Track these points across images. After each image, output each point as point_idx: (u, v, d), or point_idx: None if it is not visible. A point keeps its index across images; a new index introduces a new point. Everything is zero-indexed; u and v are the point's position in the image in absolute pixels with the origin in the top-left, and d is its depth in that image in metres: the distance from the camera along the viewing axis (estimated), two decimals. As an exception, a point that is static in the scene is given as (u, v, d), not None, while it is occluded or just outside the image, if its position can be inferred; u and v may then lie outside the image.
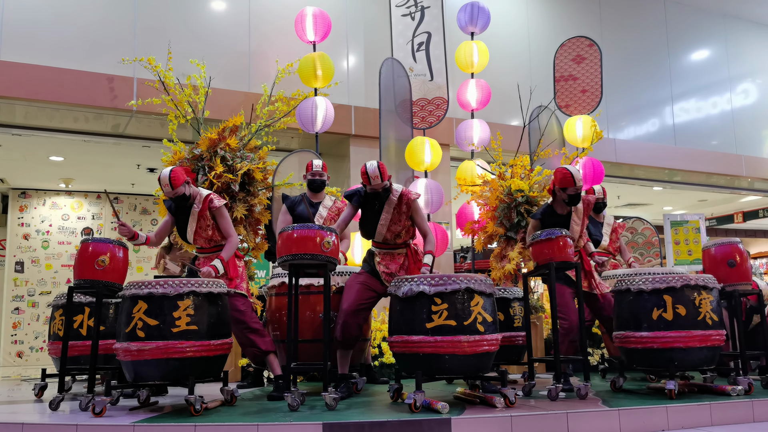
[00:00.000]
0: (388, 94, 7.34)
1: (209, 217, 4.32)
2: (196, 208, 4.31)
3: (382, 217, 4.34)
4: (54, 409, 3.89)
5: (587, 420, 3.56)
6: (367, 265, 4.48)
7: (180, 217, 4.39)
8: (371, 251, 4.51)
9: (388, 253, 4.44)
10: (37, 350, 10.52)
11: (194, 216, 4.31)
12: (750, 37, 11.83)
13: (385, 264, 4.40)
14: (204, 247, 4.40)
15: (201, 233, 4.34)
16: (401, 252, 4.47)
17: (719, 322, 4.20)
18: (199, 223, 4.32)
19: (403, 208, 4.37)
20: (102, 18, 6.94)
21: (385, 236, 4.40)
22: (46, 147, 8.58)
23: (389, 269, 4.39)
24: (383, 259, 4.42)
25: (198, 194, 4.33)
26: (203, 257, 4.41)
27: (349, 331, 4.22)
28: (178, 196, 4.25)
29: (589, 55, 8.25)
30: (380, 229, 4.36)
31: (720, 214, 16.32)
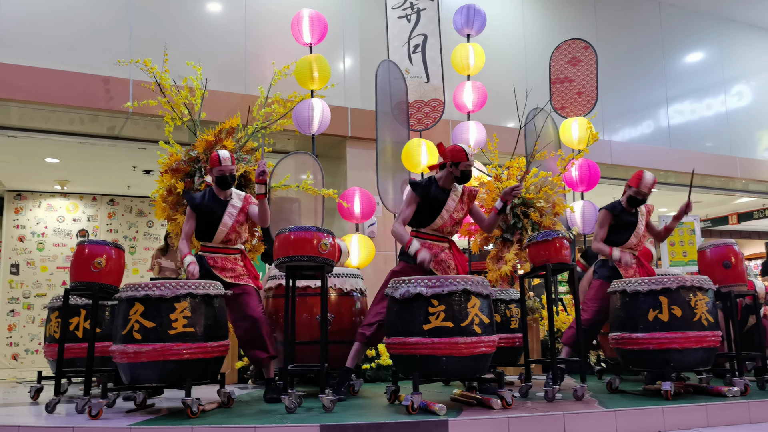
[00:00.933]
0: (385, 96, 7.35)
1: (246, 214, 4.44)
2: (237, 203, 4.41)
3: (448, 203, 4.33)
4: (50, 411, 3.88)
5: (584, 421, 3.56)
6: (410, 258, 4.29)
7: (207, 212, 4.39)
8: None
9: (435, 244, 4.37)
10: (32, 352, 10.48)
11: (233, 210, 4.38)
12: (744, 39, 11.88)
13: (434, 253, 4.31)
14: (230, 243, 4.41)
15: (237, 228, 4.40)
16: (446, 245, 4.44)
17: (715, 323, 4.22)
18: (238, 218, 4.39)
19: (465, 199, 4.42)
20: (98, 19, 6.92)
21: (442, 225, 4.35)
22: (41, 149, 8.56)
23: (439, 257, 4.31)
24: (430, 249, 4.31)
25: (231, 191, 4.46)
26: (220, 256, 4.40)
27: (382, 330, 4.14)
28: (227, 180, 4.35)
29: (584, 57, 8.28)
30: (443, 214, 4.31)
31: (715, 215, 16.38)
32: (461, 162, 4.34)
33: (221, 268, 4.35)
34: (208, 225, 4.39)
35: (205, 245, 4.44)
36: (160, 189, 5.77)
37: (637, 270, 4.96)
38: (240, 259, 4.49)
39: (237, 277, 4.35)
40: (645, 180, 4.92)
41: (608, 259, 4.95)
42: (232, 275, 4.35)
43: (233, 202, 4.42)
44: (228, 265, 4.39)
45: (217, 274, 4.31)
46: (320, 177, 6.53)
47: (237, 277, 4.35)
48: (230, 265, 4.39)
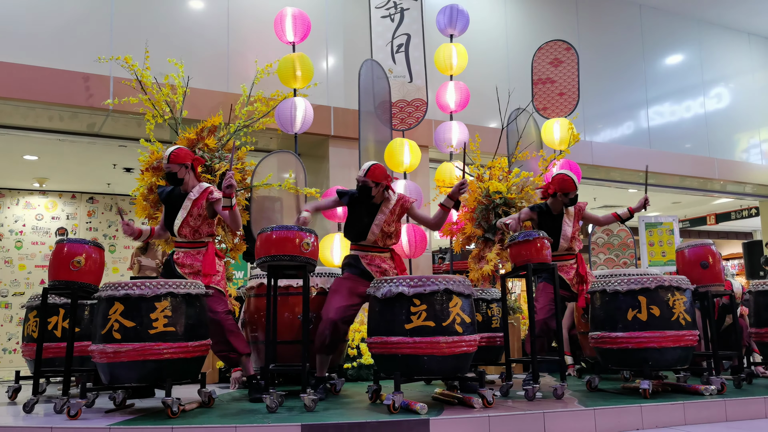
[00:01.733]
0: (368, 96, 7.35)
1: (204, 208, 4.33)
2: (192, 196, 4.33)
3: (377, 217, 4.35)
4: (28, 411, 3.84)
5: (563, 420, 3.60)
6: (353, 268, 4.38)
7: (171, 205, 4.37)
8: (355, 255, 4.43)
9: (376, 255, 4.41)
10: (10, 352, 10.36)
11: (188, 203, 4.31)
12: (723, 42, 12.04)
13: (377, 264, 4.36)
14: (187, 238, 4.34)
15: (189, 222, 4.31)
16: (387, 255, 4.47)
17: (692, 322, 4.28)
18: (190, 212, 4.31)
19: (397, 210, 4.42)
20: (78, 15, 6.85)
21: (375, 239, 4.37)
22: (20, 146, 8.46)
23: (381, 268, 4.35)
24: (372, 260, 4.37)
25: (197, 184, 4.38)
26: (183, 252, 4.36)
27: (336, 338, 4.16)
28: (172, 177, 4.29)
29: (566, 58, 8.34)
30: (374, 229, 4.34)
31: (693, 216, 16.59)
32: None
33: (180, 264, 4.31)
34: (170, 218, 4.39)
35: (174, 240, 4.44)
36: (140, 187, 5.74)
37: (575, 270, 5.02)
38: (203, 254, 4.38)
39: (195, 274, 4.28)
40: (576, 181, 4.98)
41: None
42: (189, 272, 4.28)
43: (190, 195, 4.34)
44: (187, 261, 4.32)
45: (178, 270, 4.28)
46: (303, 176, 6.52)
47: (195, 274, 4.28)
48: (189, 261, 4.32)
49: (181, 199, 4.35)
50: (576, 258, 5.08)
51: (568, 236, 5.01)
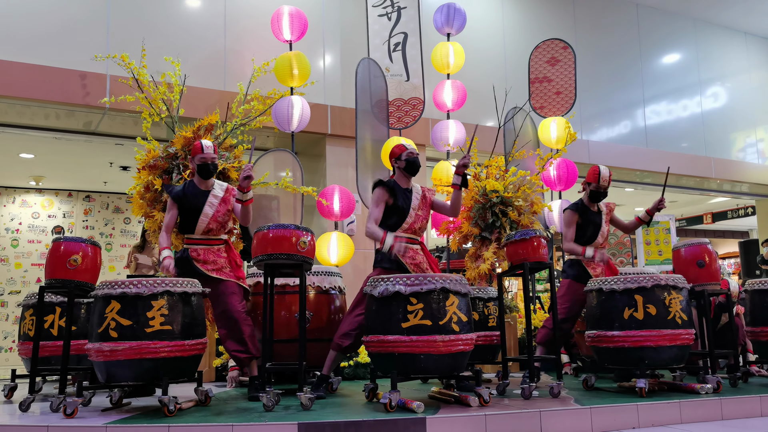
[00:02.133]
0: (365, 94, 7.35)
1: (231, 204, 4.39)
2: (218, 193, 4.38)
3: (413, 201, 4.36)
4: (24, 410, 3.83)
5: (560, 418, 3.60)
6: (388, 263, 4.29)
7: (190, 204, 4.35)
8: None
9: (410, 247, 4.35)
10: (6, 350, 10.34)
11: (214, 200, 4.35)
12: (720, 41, 12.06)
13: (411, 256, 4.32)
14: (211, 233, 4.36)
15: (218, 218, 4.34)
16: (418, 247, 4.44)
17: (688, 321, 4.29)
18: (219, 208, 4.34)
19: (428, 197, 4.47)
20: (74, 13, 6.83)
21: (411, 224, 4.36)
22: (16, 144, 8.44)
23: (416, 260, 4.32)
24: (408, 252, 4.31)
25: (213, 181, 4.44)
26: (202, 249, 4.34)
27: (360, 339, 4.15)
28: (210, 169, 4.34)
29: (563, 57, 8.35)
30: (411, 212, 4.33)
31: (690, 215, 16.63)
32: (402, 153, 4.43)
33: (203, 261, 4.29)
34: (189, 216, 4.36)
35: (189, 237, 4.39)
36: (137, 186, 5.72)
37: (603, 269, 5.04)
38: (223, 251, 4.42)
39: (218, 270, 4.29)
40: (603, 174, 5.00)
41: (581, 258, 5.00)
42: (213, 268, 4.28)
43: (214, 192, 4.38)
44: (210, 257, 4.33)
45: (199, 267, 4.26)
46: (299, 174, 6.51)
47: (218, 270, 4.29)
48: (212, 257, 4.33)
49: (201, 197, 4.36)
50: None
51: (604, 234, 5.09)
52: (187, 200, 4.36)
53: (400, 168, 4.43)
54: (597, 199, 5.07)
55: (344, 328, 4.27)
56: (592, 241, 4.99)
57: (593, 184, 5.01)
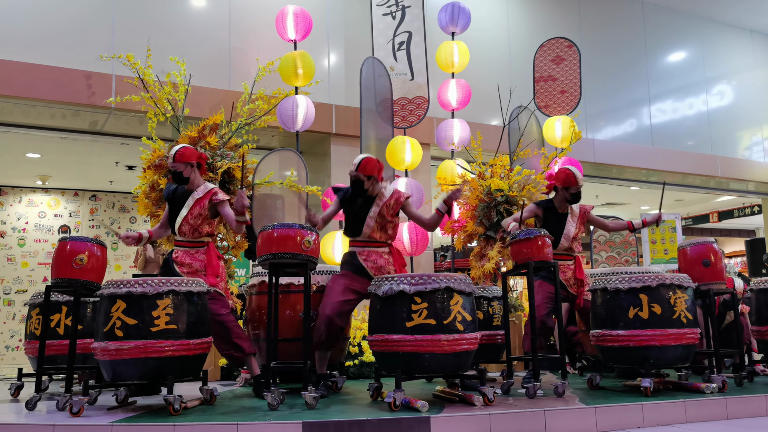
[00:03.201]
0: (369, 93, 7.35)
1: (207, 208, 4.35)
2: (197, 195, 4.36)
3: (372, 210, 4.37)
4: (31, 409, 3.85)
5: (564, 417, 3.60)
6: (350, 265, 4.42)
7: (174, 203, 4.39)
8: (352, 252, 4.47)
9: (373, 251, 4.43)
10: (13, 349, 10.38)
11: (191, 201, 4.33)
12: (725, 39, 12.02)
13: (373, 259, 4.38)
14: (186, 236, 4.35)
15: (189, 220, 4.32)
16: (385, 250, 4.49)
17: (694, 320, 4.28)
18: (191, 210, 4.32)
19: (392, 204, 4.45)
20: (80, 13, 6.86)
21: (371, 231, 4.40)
22: (22, 144, 8.48)
23: (377, 264, 4.37)
24: (369, 256, 4.40)
25: (202, 184, 4.42)
26: (182, 251, 4.36)
27: (332, 333, 4.19)
28: (177, 176, 4.32)
29: (568, 56, 8.33)
30: (368, 221, 4.36)
31: (696, 213, 16.57)
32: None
33: (180, 263, 4.30)
34: (171, 216, 4.41)
35: (175, 239, 4.44)
36: (142, 185, 5.75)
37: (573, 272, 5.03)
38: (202, 253, 4.38)
39: (193, 274, 4.27)
40: (578, 175, 5.01)
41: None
42: (188, 271, 4.28)
43: (195, 194, 4.37)
44: (187, 260, 4.32)
45: (176, 269, 4.28)
46: (304, 174, 6.53)
47: (193, 274, 4.27)
48: (188, 260, 4.32)
49: (184, 198, 4.38)
50: (574, 260, 5.09)
51: (570, 236, 5.02)
52: (173, 200, 4.41)
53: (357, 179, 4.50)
54: (574, 200, 5.05)
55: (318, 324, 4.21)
56: (557, 243, 4.98)
57: (573, 187, 5.00)
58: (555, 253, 4.95)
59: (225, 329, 4.21)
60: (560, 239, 5.00)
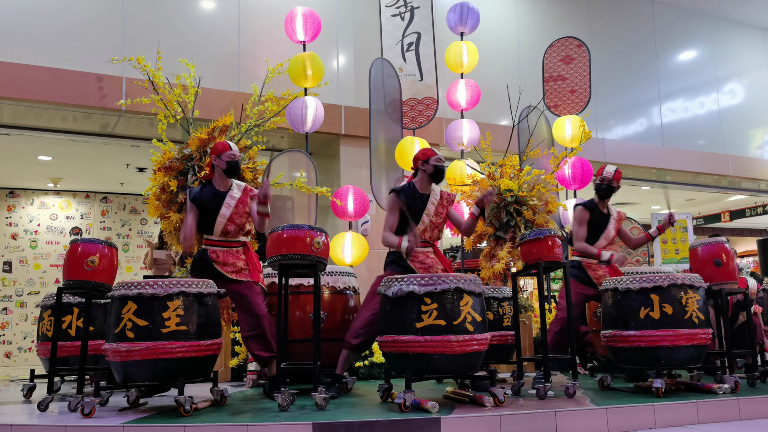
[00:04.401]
0: (378, 94, 7.35)
1: (249, 205, 4.38)
2: (235, 194, 4.36)
3: (428, 208, 4.37)
4: (43, 410, 3.88)
5: (575, 419, 3.58)
6: (397, 266, 4.35)
7: (207, 205, 4.36)
8: (398, 252, 4.38)
9: (420, 251, 4.39)
10: (25, 350, 10.46)
11: (231, 201, 4.34)
12: (736, 37, 11.93)
13: (420, 260, 4.35)
14: (229, 235, 4.35)
15: (235, 220, 4.33)
16: (429, 250, 4.47)
17: (705, 320, 4.25)
18: (236, 209, 4.34)
19: (444, 203, 4.46)
20: (90, 17, 6.91)
21: (423, 230, 4.38)
22: (34, 146, 8.54)
23: (425, 264, 4.34)
24: (417, 256, 4.35)
25: (231, 182, 4.42)
26: (221, 250, 4.35)
27: (371, 338, 4.19)
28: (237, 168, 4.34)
29: (577, 55, 8.30)
30: (424, 218, 4.35)
31: (707, 213, 16.45)
32: (430, 158, 4.41)
33: (222, 263, 4.31)
34: (207, 217, 4.36)
35: (207, 238, 4.41)
36: (153, 187, 5.77)
37: (606, 271, 5.02)
38: (242, 252, 4.43)
39: (238, 272, 4.30)
40: (607, 169, 5.10)
41: (596, 259, 5.00)
42: (232, 270, 4.30)
43: (232, 193, 4.37)
44: (229, 259, 4.34)
45: (219, 269, 4.28)
46: (314, 175, 6.54)
47: (238, 272, 4.30)
48: (231, 259, 4.34)
49: (218, 198, 4.36)
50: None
51: (609, 236, 5.13)
52: (205, 201, 4.37)
53: (426, 172, 4.43)
54: (605, 193, 5.09)
55: (356, 326, 4.30)
56: (595, 241, 5.01)
57: (597, 178, 5.12)
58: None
59: (261, 326, 4.22)
60: (599, 238, 5.07)
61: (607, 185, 5.10)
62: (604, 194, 5.13)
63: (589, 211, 5.12)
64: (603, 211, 5.17)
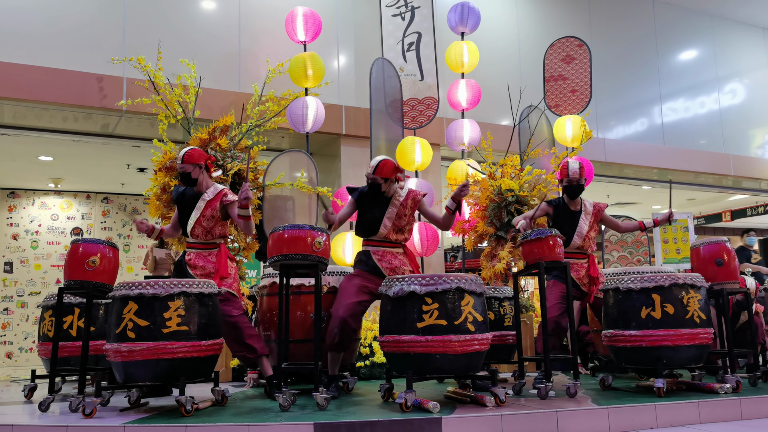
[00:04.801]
0: (379, 94, 7.35)
1: (217, 209, 4.34)
2: (206, 197, 4.34)
3: (388, 210, 4.36)
4: (44, 410, 3.87)
5: (577, 418, 3.58)
6: (364, 265, 4.40)
7: (184, 206, 4.39)
8: (366, 251, 4.45)
9: (388, 251, 4.42)
10: (26, 351, 10.46)
11: (201, 204, 4.32)
12: (737, 37, 11.93)
13: (387, 260, 4.37)
14: (199, 238, 4.35)
15: (202, 222, 4.32)
16: (399, 251, 4.48)
17: (707, 320, 4.24)
18: (203, 212, 4.32)
19: (409, 204, 4.44)
20: (91, 17, 6.91)
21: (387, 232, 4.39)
22: (35, 147, 8.54)
23: (392, 264, 4.36)
24: (384, 256, 4.39)
25: (211, 185, 4.40)
26: (194, 253, 4.37)
27: (345, 335, 4.17)
28: (186, 177, 4.32)
29: (578, 55, 8.30)
30: (385, 222, 4.35)
31: (708, 212, 16.44)
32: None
33: (193, 266, 4.31)
34: (183, 218, 4.41)
35: (187, 241, 4.44)
36: (154, 187, 5.77)
37: (586, 270, 4.98)
38: (213, 255, 4.38)
39: (206, 276, 4.28)
40: (571, 167, 4.96)
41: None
42: (201, 273, 4.29)
43: (204, 196, 4.36)
44: (200, 262, 4.32)
45: (190, 272, 4.29)
46: (314, 175, 6.53)
47: (206, 276, 4.28)
48: (201, 262, 4.32)
49: (194, 200, 4.38)
50: (588, 258, 5.05)
51: (583, 233, 4.97)
52: (181, 202, 4.42)
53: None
54: (572, 193, 5.01)
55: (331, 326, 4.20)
56: (570, 241, 4.93)
57: (564, 180, 4.99)
58: (567, 252, 4.91)
59: (237, 330, 4.21)
60: (572, 237, 4.96)
61: (576, 185, 4.98)
62: (573, 194, 5.01)
63: (552, 207, 5.04)
64: (573, 208, 5.05)
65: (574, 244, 4.96)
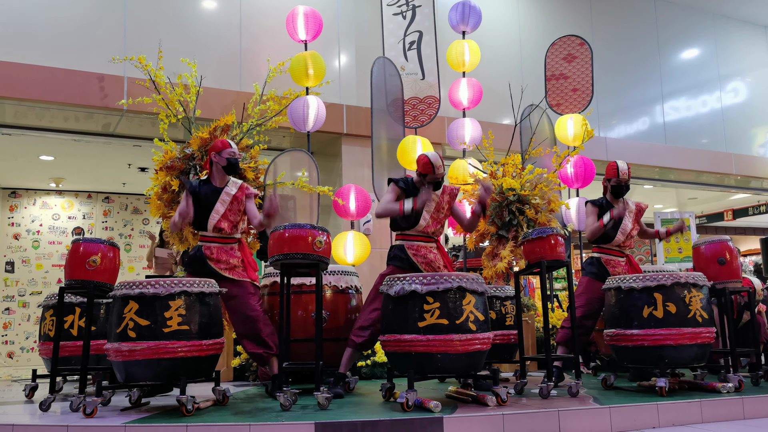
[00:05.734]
0: (380, 93, 7.34)
1: (243, 203, 4.36)
2: (231, 190, 4.35)
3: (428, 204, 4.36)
4: (45, 410, 3.87)
5: (578, 418, 3.57)
6: (399, 261, 4.36)
7: (201, 198, 4.34)
8: (400, 246, 4.40)
9: (422, 245, 4.39)
10: (27, 351, 10.47)
11: (226, 197, 4.32)
12: (739, 35, 11.90)
13: (423, 254, 4.35)
14: (223, 232, 4.32)
15: (229, 217, 4.31)
16: (433, 245, 4.46)
17: (709, 319, 4.23)
18: (230, 207, 4.32)
19: (446, 198, 4.44)
20: (92, 17, 6.90)
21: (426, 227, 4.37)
22: (36, 146, 8.54)
23: (427, 258, 4.34)
24: (419, 251, 4.36)
25: (227, 179, 4.42)
26: (215, 247, 4.32)
27: (376, 335, 4.17)
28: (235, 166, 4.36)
29: (579, 53, 8.28)
30: (425, 215, 4.34)
31: (710, 211, 16.42)
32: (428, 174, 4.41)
33: (216, 260, 4.28)
34: (202, 212, 4.34)
35: (203, 235, 4.38)
36: (155, 186, 5.77)
37: (625, 268, 4.96)
38: (237, 250, 4.40)
39: (231, 270, 4.28)
40: (621, 168, 4.93)
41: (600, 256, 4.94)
42: (226, 267, 4.28)
43: (227, 189, 4.36)
44: (223, 256, 4.31)
45: (212, 266, 4.26)
46: (315, 174, 6.53)
47: (231, 270, 4.28)
48: (225, 257, 4.31)
49: (213, 195, 4.34)
50: (626, 257, 5.01)
51: (626, 231, 4.93)
52: (202, 195, 4.35)
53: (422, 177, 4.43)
54: (620, 193, 4.98)
55: (359, 324, 4.29)
56: (612, 239, 4.90)
57: (613, 180, 4.95)
58: (606, 249, 4.94)
59: (256, 325, 4.21)
60: (616, 235, 4.91)
61: (625, 185, 4.95)
62: (619, 193, 4.97)
63: (597, 207, 5.00)
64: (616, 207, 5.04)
65: (616, 241, 4.91)
